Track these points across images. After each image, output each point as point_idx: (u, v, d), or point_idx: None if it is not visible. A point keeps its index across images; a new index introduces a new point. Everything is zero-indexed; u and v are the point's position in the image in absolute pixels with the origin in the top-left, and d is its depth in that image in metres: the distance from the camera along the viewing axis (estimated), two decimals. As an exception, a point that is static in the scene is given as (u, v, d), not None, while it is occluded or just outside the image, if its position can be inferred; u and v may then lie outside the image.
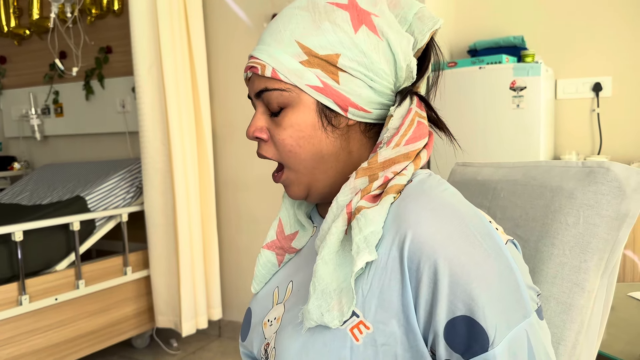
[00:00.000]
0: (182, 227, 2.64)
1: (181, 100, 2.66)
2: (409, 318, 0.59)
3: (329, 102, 0.67)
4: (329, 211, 0.67)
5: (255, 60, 0.68)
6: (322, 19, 0.66)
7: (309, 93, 0.67)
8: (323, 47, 0.66)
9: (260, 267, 0.80)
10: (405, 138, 0.66)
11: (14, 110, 3.71)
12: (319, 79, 0.66)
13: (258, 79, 0.69)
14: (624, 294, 1.56)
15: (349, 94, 0.67)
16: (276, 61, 0.66)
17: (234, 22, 2.84)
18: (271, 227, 0.81)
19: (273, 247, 0.80)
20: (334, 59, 0.66)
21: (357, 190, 0.66)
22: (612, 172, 0.78)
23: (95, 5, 3.21)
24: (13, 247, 2.22)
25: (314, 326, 0.63)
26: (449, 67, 2.46)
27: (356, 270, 0.60)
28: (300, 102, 0.67)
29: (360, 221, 0.61)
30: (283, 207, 0.81)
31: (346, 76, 0.66)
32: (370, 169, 0.66)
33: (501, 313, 0.58)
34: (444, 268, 0.57)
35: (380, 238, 0.62)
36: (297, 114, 0.67)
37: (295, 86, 0.67)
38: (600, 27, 2.60)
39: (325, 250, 0.63)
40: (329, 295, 0.62)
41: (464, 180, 1.03)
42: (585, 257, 0.78)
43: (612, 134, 2.62)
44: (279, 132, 0.68)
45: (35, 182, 3.11)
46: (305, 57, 0.66)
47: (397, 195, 0.64)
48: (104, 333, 2.59)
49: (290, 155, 0.69)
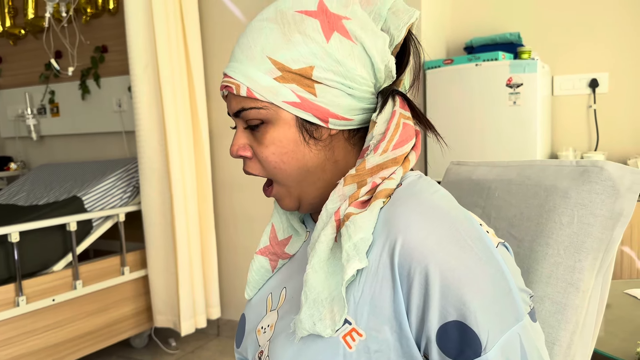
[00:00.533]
0: (179, 226, 2.64)
1: (177, 99, 2.65)
2: (401, 324, 0.59)
3: (308, 116, 0.66)
4: (319, 219, 0.66)
5: (229, 79, 0.67)
6: (292, 31, 0.64)
7: (287, 109, 0.65)
8: (295, 60, 0.64)
9: (254, 273, 0.80)
10: (392, 143, 0.65)
11: (9, 110, 3.70)
12: (295, 94, 0.65)
13: (235, 98, 0.68)
14: (621, 292, 1.56)
15: (328, 105, 0.66)
16: (250, 80, 0.65)
17: (230, 21, 2.83)
18: (264, 232, 0.81)
19: (266, 252, 0.80)
20: (308, 72, 0.64)
21: (346, 197, 0.65)
22: (606, 171, 0.78)
23: (90, 5, 3.19)
24: (10, 248, 2.21)
25: (307, 335, 0.63)
26: (445, 65, 2.46)
27: (347, 279, 0.59)
28: (279, 119, 0.66)
29: (349, 228, 0.60)
30: (275, 212, 0.80)
31: (322, 87, 0.65)
32: (359, 176, 0.65)
33: (493, 317, 0.57)
34: (435, 273, 0.57)
35: (370, 244, 0.61)
36: (278, 130, 0.66)
37: (272, 103, 0.65)
38: (597, 23, 2.60)
39: (315, 258, 0.63)
40: (320, 304, 0.61)
41: (459, 180, 1.02)
42: (579, 257, 0.78)
43: (608, 131, 2.62)
44: (262, 149, 0.68)
45: (31, 183, 3.10)
46: (279, 72, 0.64)
47: (387, 199, 0.64)
48: (102, 333, 2.59)
49: (276, 171, 0.69)
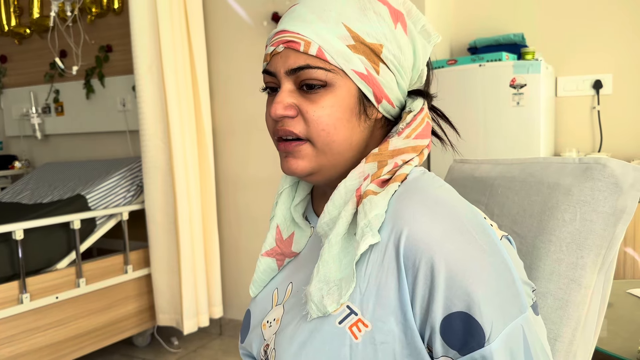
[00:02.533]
0: (182, 225, 2.65)
1: (181, 98, 2.66)
2: (406, 315, 0.60)
3: (368, 91, 0.67)
4: (336, 194, 0.67)
5: (296, 35, 0.65)
6: (367, 8, 0.66)
7: (353, 79, 0.66)
8: (369, 34, 0.65)
9: (260, 274, 0.80)
10: (415, 132, 0.68)
11: (14, 109, 3.72)
12: (363, 66, 0.66)
13: (295, 55, 0.65)
14: (623, 291, 1.56)
15: (385, 87, 0.68)
16: (323, 39, 0.64)
17: (234, 21, 2.84)
18: (268, 234, 0.80)
19: (273, 253, 0.79)
20: (379, 48, 0.66)
21: (365, 174, 0.67)
22: (609, 168, 0.78)
23: (95, 4, 3.21)
24: (14, 245, 2.22)
25: (315, 318, 0.63)
26: (449, 65, 2.46)
27: (359, 253, 0.61)
28: (342, 86, 0.66)
29: (365, 205, 0.62)
30: (278, 211, 0.79)
31: (384, 68, 0.67)
32: (381, 155, 0.67)
33: (497, 309, 0.58)
34: (440, 264, 0.58)
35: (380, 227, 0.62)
36: (337, 96, 0.66)
37: (341, 69, 0.65)
38: (601, 24, 2.59)
39: (333, 233, 0.64)
40: (330, 280, 0.63)
41: (462, 177, 1.03)
42: (582, 254, 0.78)
43: (612, 132, 2.61)
44: (315, 109, 0.65)
45: (36, 181, 3.12)
46: (352, 41, 0.65)
47: (401, 184, 0.66)
48: (105, 331, 2.59)
49: (323, 134, 0.66)
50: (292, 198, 0.80)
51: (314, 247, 0.75)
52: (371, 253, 0.63)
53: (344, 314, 0.62)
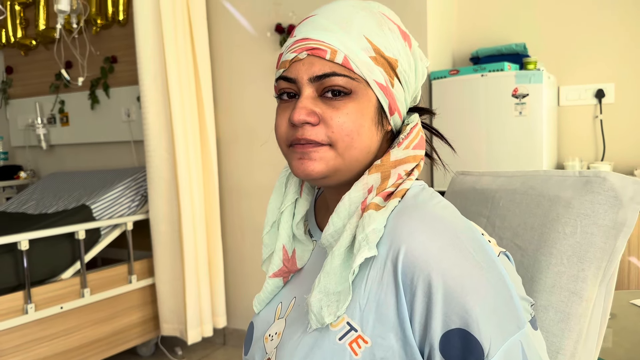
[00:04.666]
0: (186, 235, 2.66)
1: (186, 109, 2.68)
2: (405, 331, 0.60)
3: (385, 103, 0.69)
4: (340, 206, 0.68)
5: (321, 42, 0.66)
6: (383, 24, 0.69)
7: (374, 89, 0.68)
8: (388, 49, 0.68)
9: (268, 293, 0.79)
10: (413, 143, 0.70)
11: (20, 120, 3.74)
12: (383, 78, 0.68)
13: (321, 63, 0.66)
14: (627, 302, 1.56)
15: (397, 100, 0.70)
16: (348, 49, 0.66)
17: (238, 32, 2.86)
18: (274, 255, 0.78)
19: (280, 274, 0.78)
20: (395, 63, 0.69)
21: (369, 186, 0.68)
22: (609, 182, 0.79)
23: (100, 16, 3.24)
24: (19, 256, 2.24)
25: (315, 331, 0.64)
26: (451, 75, 2.47)
27: (355, 266, 0.61)
28: (364, 95, 0.67)
29: (365, 220, 0.64)
30: (281, 230, 0.78)
31: (397, 82, 0.70)
32: (383, 166, 0.69)
33: (495, 325, 0.58)
34: (438, 281, 0.58)
35: (378, 242, 0.63)
36: (360, 104, 0.67)
37: (364, 79, 0.67)
38: (603, 33, 2.60)
39: (337, 245, 0.65)
40: (330, 293, 0.64)
41: (464, 189, 1.04)
42: (582, 266, 0.79)
43: (615, 141, 2.61)
44: (339, 115, 0.66)
45: (41, 191, 3.13)
46: (374, 53, 0.67)
47: (401, 199, 0.67)
48: (109, 341, 2.60)
49: (347, 139, 0.66)
50: (292, 216, 0.79)
51: (318, 260, 0.75)
52: (370, 269, 0.63)
53: (344, 330, 0.63)
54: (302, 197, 0.80)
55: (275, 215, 0.80)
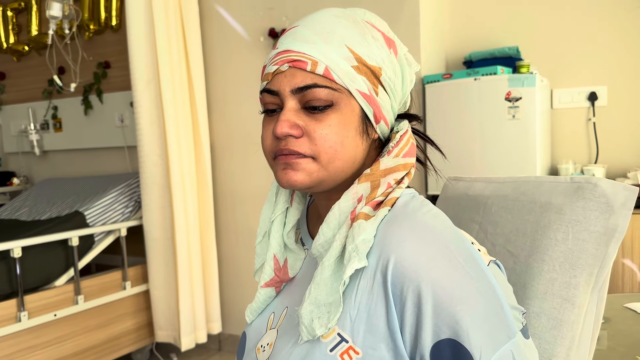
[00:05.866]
0: (180, 241, 2.65)
1: (179, 114, 2.67)
2: (396, 342, 0.60)
3: (370, 112, 0.69)
4: (330, 215, 0.68)
5: (303, 54, 0.66)
6: (366, 33, 0.68)
7: (357, 98, 0.68)
8: (370, 57, 0.67)
9: (260, 303, 0.79)
10: (403, 151, 0.70)
11: (13, 126, 3.73)
12: (366, 87, 0.68)
13: (302, 74, 0.66)
14: (620, 305, 1.56)
15: (383, 108, 0.70)
16: (329, 60, 0.66)
17: (232, 36, 2.86)
18: (265, 264, 0.78)
19: (272, 283, 0.78)
20: (379, 71, 0.68)
21: (359, 195, 0.68)
22: (600, 188, 0.78)
23: (93, 21, 3.23)
24: (12, 263, 2.22)
25: (306, 342, 0.64)
26: (444, 79, 2.47)
27: (345, 278, 0.61)
28: (347, 105, 0.67)
29: (354, 230, 0.63)
30: (272, 239, 0.78)
31: (382, 90, 0.69)
32: (373, 175, 0.68)
33: (486, 335, 0.58)
34: (427, 292, 0.58)
35: (368, 252, 0.63)
36: (343, 115, 0.67)
37: (346, 89, 0.67)
38: (595, 37, 2.61)
39: (326, 256, 0.65)
40: (321, 304, 0.63)
41: (456, 195, 1.03)
42: (574, 273, 0.78)
43: (608, 143, 2.62)
44: (322, 127, 0.66)
45: (34, 198, 3.12)
46: (356, 62, 0.67)
47: (391, 208, 0.67)
48: (103, 348, 2.58)
49: (330, 151, 0.66)
50: (283, 225, 0.79)
51: (309, 269, 0.75)
52: (360, 280, 0.63)
53: (335, 342, 0.62)
54: (292, 206, 0.79)
55: (267, 225, 0.80)
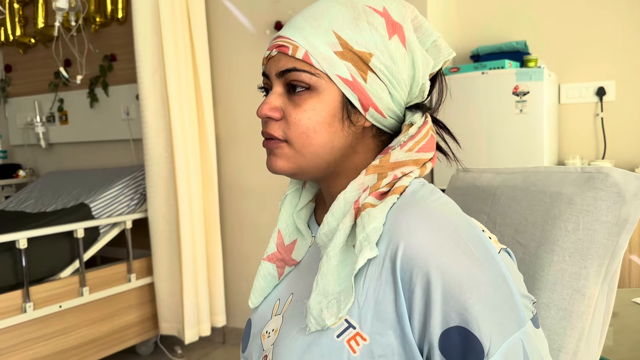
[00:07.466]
0: (184, 233, 2.65)
1: (184, 107, 2.67)
2: (404, 329, 0.59)
3: (353, 98, 0.68)
4: (335, 205, 0.68)
5: (287, 39, 0.68)
6: (361, 19, 0.67)
7: (337, 84, 0.67)
8: (359, 43, 0.67)
9: (261, 279, 0.80)
10: (418, 145, 0.68)
11: (19, 118, 3.73)
12: (349, 72, 0.67)
13: (285, 59, 0.68)
14: (628, 300, 1.55)
15: (373, 95, 0.68)
16: (310, 45, 0.66)
17: (237, 29, 2.85)
18: (271, 238, 0.80)
19: (274, 259, 0.79)
20: (367, 57, 0.67)
21: (365, 186, 0.67)
22: (612, 178, 0.77)
23: (99, 14, 3.23)
24: (17, 254, 2.23)
25: (313, 332, 0.63)
26: (451, 73, 2.46)
27: (357, 268, 0.61)
28: (325, 90, 0.67)
29: (364, 218, 0.63)
30: (281, 216, 0.80)
31: (373, 77, 0.67)
32: (381, 167, 0.68)
33: (495, 323, 0.57)
34: (437, 278, 0.57)
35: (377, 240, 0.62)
36: (320, 100, 0.67)
37: (325, 74, 0.67)
38: (603, 31, 2.59)
39: (331, 245, 0.65)
40: (330, 294, 0.63)
41: (464, 186, 1.02)
42: (585, 264, 0.77)
43: (616, 138, 2.61)
44: (297, 112, 0.67)
45: (40, 190, 3.13)
46: (340, 48, 0.66)
47: (400, 196, 0.66)
48: (108, 340, 2.59)
49: (303, 136, 0.68)
50: (295, 203, 0.80)
51: (314, 257, 0.75)
52: (369, 266, 0.62)
53: (342, 328, 0.62)
54: (305, 187, 0.81)
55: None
